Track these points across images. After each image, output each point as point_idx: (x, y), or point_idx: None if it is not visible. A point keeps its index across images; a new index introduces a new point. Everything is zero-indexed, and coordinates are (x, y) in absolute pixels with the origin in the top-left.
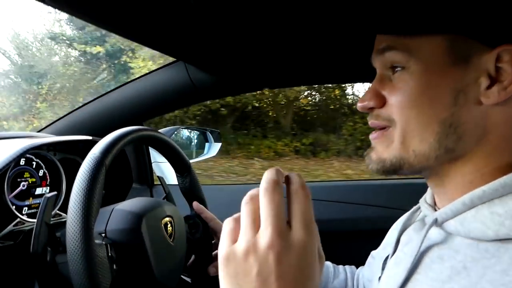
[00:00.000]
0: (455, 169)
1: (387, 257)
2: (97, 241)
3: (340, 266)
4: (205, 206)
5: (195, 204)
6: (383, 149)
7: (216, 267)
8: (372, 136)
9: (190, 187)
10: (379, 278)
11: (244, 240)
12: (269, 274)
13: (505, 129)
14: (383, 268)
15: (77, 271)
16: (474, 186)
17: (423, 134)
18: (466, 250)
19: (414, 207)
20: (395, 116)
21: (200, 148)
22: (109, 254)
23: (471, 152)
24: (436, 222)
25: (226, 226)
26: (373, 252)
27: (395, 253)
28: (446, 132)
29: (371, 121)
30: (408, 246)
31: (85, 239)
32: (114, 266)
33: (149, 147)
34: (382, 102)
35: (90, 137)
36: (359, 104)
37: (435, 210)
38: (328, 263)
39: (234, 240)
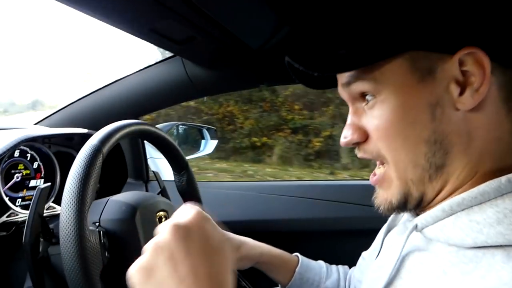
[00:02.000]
0: (446, 188)
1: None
2: (90, 228)
3: (333, 266)
4: (201, 205)
5: (189, 204)
6: (385, 191)
7: None
8: (372, 180)
9: (187, 186)
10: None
11: (148, 249)
12: (175, 255)
13: (487, 132)
14: None
15: (68, 254)
16: (457, 194)
17: (414, 159)
18: (446, 255)
19: None
20: (383, 150)
21: (197, 145)
22: (102, 241)
23: (461, 164)
24: (416, 228)
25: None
26: (364, 253)
27: (379, 256)
28: (433, 150)
29: (360, 155)
30: (391, 250)
31: (79, 222)
32: (106, 254)
33: (145, 143)
34: (364, 135)
35: (85, 130)
36: (342, 141)
37: (417, 214)
38: (322, 262)
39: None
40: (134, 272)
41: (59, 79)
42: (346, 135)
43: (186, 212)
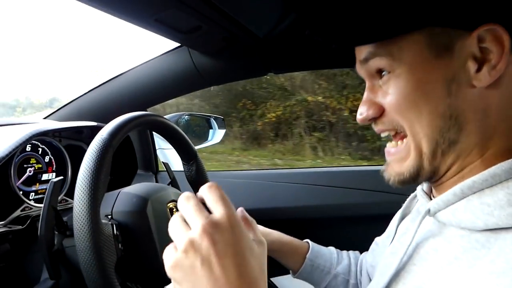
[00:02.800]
0: (458, 164)
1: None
2: (103, 221)
3: (344, 252)
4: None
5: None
6: (400, 165)
7: None
8: (389, 151)
9: (197, 175)
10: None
11: (179, 243)
12: (211, 258)
13: (502, 110)
14: None
15: (83, 247)
16: (471, 175)
17: (429, 132)
18: (458, 240)
19: (412, 195)
20: (400, 121)
21: (205, 135)
22: (115, 234)
23: (475, 141)
24: (429, 212)
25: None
26: (377, 239)
27: (392, 242)
28: (448, 124)
29: (378, 128)
30: (405, 236)
31: (92, 215)
32: (120, 246)
33: (154, 134)
34: (380, 110)
35: (95, 123)
36: (358, 117)
37: (431, 198)
38: (332, 248)
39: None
40: (170, 268)
41: (74, 76)
42: (362, 111)
43: (219, 208)
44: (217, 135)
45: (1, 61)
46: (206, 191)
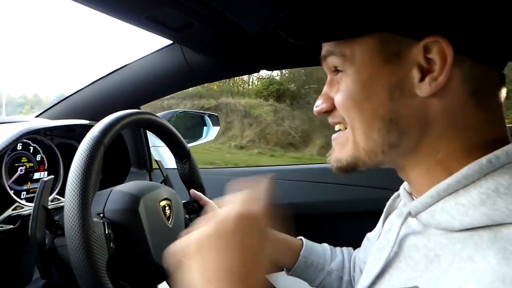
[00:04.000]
0: (408, 162)
1: None
2: (94, 219)
3: (338, 248)
4: (204, 192)
5: (192, 191)
6: (340, 150)
7: None
8: (333, 137)
9: (190, 174)
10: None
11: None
12: (221, 245)
13: (448, 118)
14: None
15: (74, 245)
16: (432, 174)
17: (367, 131)
18: (438, 238)
19: (395, 194)
20: (345, 117)
21: (198, 132)
22: (106, 232)
23: (418, 144)
24: (410, 214)
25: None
26: (368, 234)
27: (379, 239)
28: (388, 128)
29: (331, 121)
30: (390, 233)
31: (83, 213)
32: (112, 244)
33: (147, 131)
34: (333, 104)
35: (87, 121)
36: (315, 109)
37: (413, 198)
38: (325, 245)
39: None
40: (180, 247)
41: (82, 72)
42: (318, 104)
43: (241, 204)
44: (211, 132)
45: (9, 59)
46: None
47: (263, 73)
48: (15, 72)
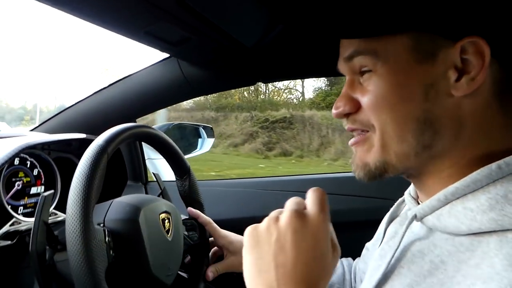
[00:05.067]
0: (434, 166)
1: None
2: (95, 226)
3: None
4: (203, 209)
5: (190, 210)
6: (364, 153)
7: (214, 271)
8: (351, 142)
9: (190, 191)
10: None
11: (266, 220)
12: (285, 241)
13: (478, 119)
14: None
15: (74, 250)
16: (452, 180)
17: (400, 133)
18: (444, 244)
19: (400, 199)
20: (372, 120)
21: (193, 144)
22: (107, 240)
23: (449, 147)
24: (415, 218)
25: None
26: (367, 244)
27: (381, 245)
28: (422, 128)
29: (348, 126)
30: (393, 239)
31: (85, 218)
32: (111, 252)
33: (143, 144)
34: (356, 106)
35: (84, 135)
36: (334, 111)
37: (418, 203)
38: None
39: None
40: (248, 233)
41: (81, 83)
42: (339, 105)
43: (313, 206)
44: (206, 144)
45: (8, 69)
46: (310, 192)
47: (316, 84)
48: (14, 82)
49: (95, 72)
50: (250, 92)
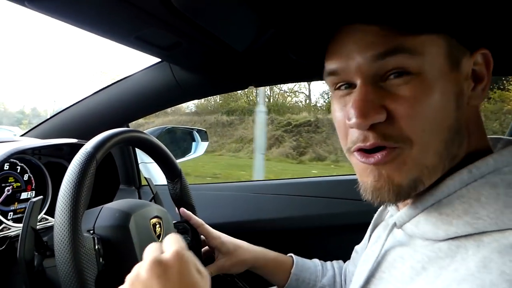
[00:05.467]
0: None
1: None
2: (84, 234)
3: (328, 263)
4: (195, 212)
5: (182, 211)
6: (393, 172)
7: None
8: (372, 160)
9: (181, 194)
10: None
11: (128, 280)
12: None
13: (477, 126)
14: None
15: (63, 259)
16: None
17: (437, 146)
18: (423, 250)
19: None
20: (408, 132)
21: (187, 148)
22: (96, 247)
23: (463, 154)
24: (395, 225)
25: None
26: (357, 247)
27: (365, 250)
28: (453, 138)
29: (378, 142)
30: (376, 245)
31: (73, 227)
32: (101, 260)
33: (136, 148)
34: (385, 115)
35: (75, 140)
36: (359, 120)
37: (399, 209)
38: (316, 260)
39: None
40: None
41: (79, 86)
42: (365, 112)
43: (168, 247)
44: (199, 148)
45: (6, 72)
46: (166, 239)
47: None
48: (12, 86)
49: (93, 75)
50: (254, 95)
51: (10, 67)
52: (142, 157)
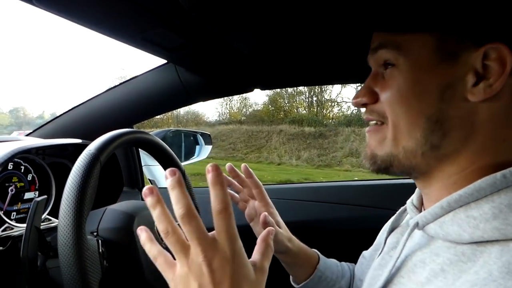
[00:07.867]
0: (440, 169)
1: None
2: (88, 237)
3: (344, 264)
4: (198, 213)
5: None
6: (376, 144)
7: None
8: (367, 129)
9: None
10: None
11: (180, 265)
12: (207, 284)
13: (492, 127)
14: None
15: (66, 263)
16: (458, 187)
17: (411, 129)
18: (445, 253)
19: (402, 208)
20: (387, 112)
21: (190, 151)
22: (100, 250)
23: (457, 151)
24: (417, 226)
25: (158, 260)
26: (364, 252)
27: (381, 255)
28: (432, 128)
29: (365, 116)
30: (394, 250)
31: (77, 230)
32: (105, 262)
33: (140, 150)
34: (374, 98)
35: (79, 140)
36: (353, 100)
37: (420, 212)
38: (335, 260)
39: (173, 270)
40: (171, 283)
41: (93, 85)
42: (358, 95)
43: (222, 238)
44: (203, 151)
45: (26, 78)
46: (215, 218)
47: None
48: (32, 91)
49: (111, 80)
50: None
51: (30, 72)
52: (145, 159)
